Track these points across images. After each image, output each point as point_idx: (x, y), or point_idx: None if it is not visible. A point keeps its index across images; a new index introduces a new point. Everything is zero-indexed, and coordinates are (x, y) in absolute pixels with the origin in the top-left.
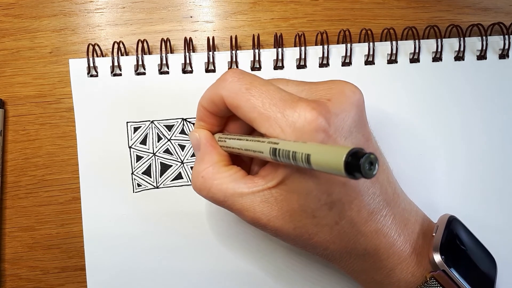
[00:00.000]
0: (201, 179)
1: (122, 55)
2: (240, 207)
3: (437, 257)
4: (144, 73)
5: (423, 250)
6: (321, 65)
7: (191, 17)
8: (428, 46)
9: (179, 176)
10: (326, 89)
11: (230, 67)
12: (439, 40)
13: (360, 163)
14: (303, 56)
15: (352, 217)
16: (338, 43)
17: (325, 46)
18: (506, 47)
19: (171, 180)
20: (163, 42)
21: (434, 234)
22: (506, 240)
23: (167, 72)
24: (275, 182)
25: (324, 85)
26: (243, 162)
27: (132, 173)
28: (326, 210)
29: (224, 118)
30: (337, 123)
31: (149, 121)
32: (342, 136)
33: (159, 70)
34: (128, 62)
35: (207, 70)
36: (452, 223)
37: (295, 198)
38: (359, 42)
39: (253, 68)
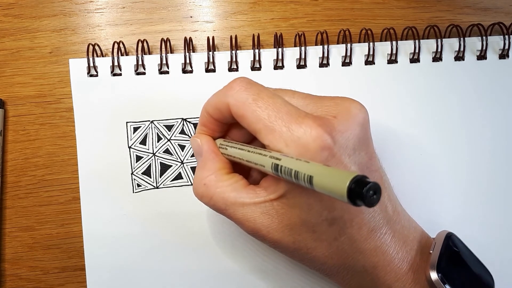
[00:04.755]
0: (203, 187)
1: (122, 55)
2: (241, 216)
3: (434, 275)
4: (144, 73)
5: (420, 268)
6: (321, 65)
7: (191, 17)
8: (428, 46)
9: (179, 176)
10: (332, 105)
11: (230, 67)
12: (439, 40)
13: (363, 191)
14: (303, 56)
15: (352, 234)
16: (338, 43)
17: (325, 46)
18: (506, 47)
19: (171, 180)
20: (163, 42)
21: (431, 251)
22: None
23: (167, 72)
24: (277, 194)
25: (330, 101)
26: (243, 168)
27: (132, 173)
28: (326, 226)
29: (227, 124)
30: (341, 141)
31: (149, 121)
32: (346, 154)
33: (159, 70)
34: (128, 62)
35: (207, 70)
36: (449, 240)
37: (296, 212)
38: (359, 42)
39: (253, 68)
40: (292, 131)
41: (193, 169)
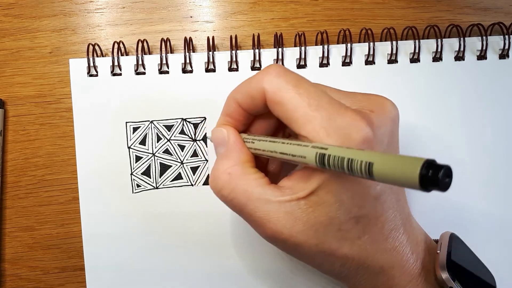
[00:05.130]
0: (226, 176)
1: (122, 55)
2: (263, 215)
3: (445, 274)
4: (144, 73)
5: (429, 268)
6: (321, 65)
7: (191, 17)
8: (428, 46)
9: (178, 177)
10: (367, 100)
11: (230, 67)
12: (439, 40)
13: (439, 176)
14: (303, 56)
15: (375, 232)
16: (338, 43)
17: (325, 46)
18: (506, 47)
19: (171, 181)
20: (163, 42)
21: (438, 251)
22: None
23: (167, 72)
24: (306, 192)
25: (364, 97)
26: (261, 166)
27: (132, 174)
28: (353, 223)
29: (252, 117)
30: (379, 136)
31: (149, 121)
32: (382, 149)
33: (159, 70)
34: (128, 62)
35: (207, 70)
36: (453, 240)
37: (325, 210)
38: (359, 42)
39: (253, 68)
40: (335, 121)
41: (193, 169)
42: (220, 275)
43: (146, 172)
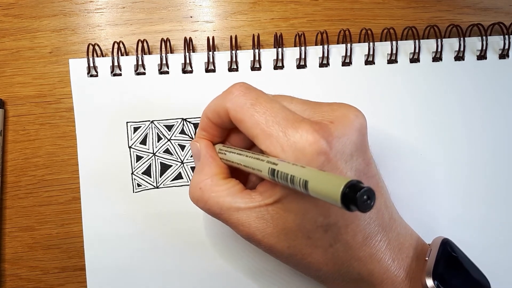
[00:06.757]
0: (199, 191)
1: (122, 55)
2: (236, 221)
3: (430, 282)
4: (144, 73)
5: (416, 275)
6: (321, 65)
7: (191, 17)
8: (428, 46)
9: (179, 176)
10: (329, 111)
11: (230, 67)
12: (439, 40)
13: (357, 196)
14: (303, 56)
15: (347, 241)
16: (338, 43)
17: (325, 46)
18: (506, 47)
19: (171, 180)
20: (163, 42)
21: (427, 258)
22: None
23: (167, 72)
24: (272, 199)
25: (328, 107)
26: (243, 174)
27: (132, 173)
28: (322, 232)
29: (226, 129)
30: (338, 147)
31: (149, 121)
32: (343, 160)
33: (159, 70)
34: (128, 62)
35: (207, 70)
36: (445, 246)
37: (292, 217)
38: (359, 42)
39: (253, 68)
40: (289, 136)
41: (193, 169)
42: (221, 275)
43: (147, 172)
